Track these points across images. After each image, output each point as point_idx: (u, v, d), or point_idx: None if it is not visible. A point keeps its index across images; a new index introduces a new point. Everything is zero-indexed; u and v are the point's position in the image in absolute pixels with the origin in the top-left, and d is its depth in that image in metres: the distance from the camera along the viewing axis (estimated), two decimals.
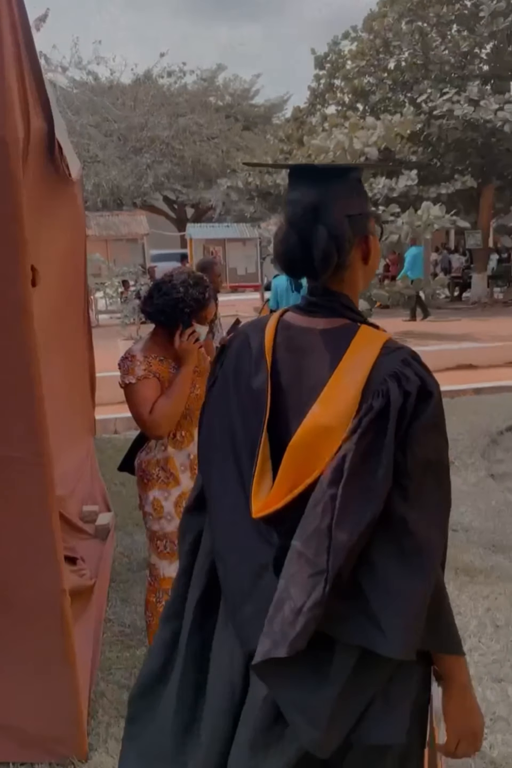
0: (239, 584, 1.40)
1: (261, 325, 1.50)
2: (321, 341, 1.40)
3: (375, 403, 1.28)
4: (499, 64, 19.93)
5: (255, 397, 1.42)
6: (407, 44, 20.20)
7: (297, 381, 1.41)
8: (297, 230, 1.39)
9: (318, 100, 22.87)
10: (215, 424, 1.51)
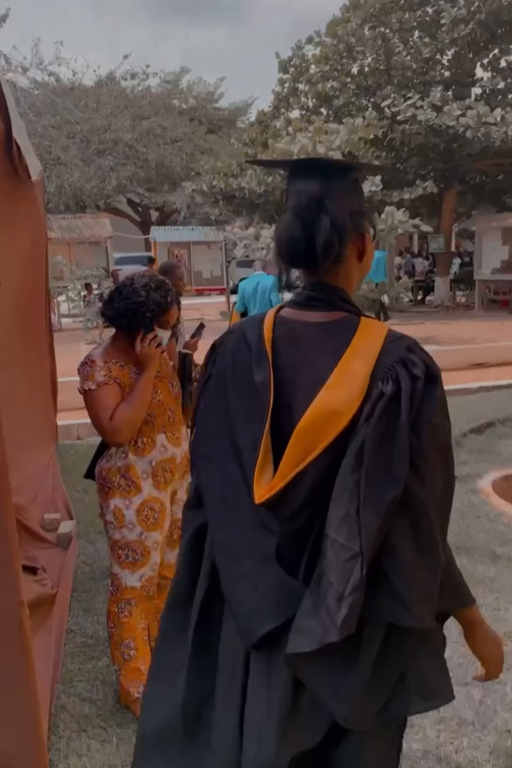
0: (243, 576, 1.42)
1: (257, 322, 1.54)
2: (321, 334, 1.45)
3: (386, 389, 1.34)
4: (460, 71, 20.22)
5: (256, 391, 1.45)
6: (370, 49, 20.37)
7: (300, 374, 1.44)
8: (301, 219, 1.44)
9: (282, 103, 22.94)
10: (212, 421, 1.53)
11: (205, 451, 1.54)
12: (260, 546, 1.42)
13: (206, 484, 1.52)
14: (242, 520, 1.44)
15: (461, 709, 2.83)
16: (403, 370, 1.36)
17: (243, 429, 1.46)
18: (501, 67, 21.13)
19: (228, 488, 1.47)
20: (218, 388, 1.53)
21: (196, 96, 34.99)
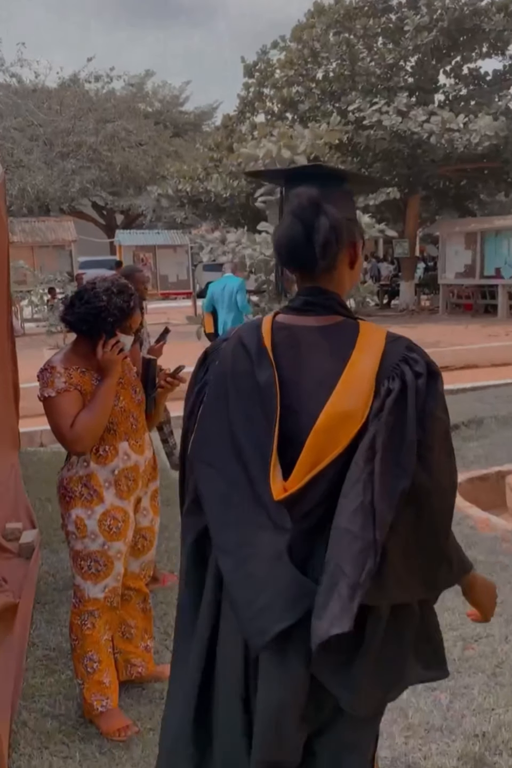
0: (250, 576, 1.43)
1: (254, 328, 1.58)
2: (320, 337, 1.51)
3: (393, 385, 1.43)
4: (423, 77, 20.45)
5: (259, 392, 1.49)
6: (334, 55, 20.50)
7: (301, 376, 1.50)
8: (302, 219, 1.49)
9: (247, 108, 22.96)
10: (212, 426, 1.55)
11: (205, 455, 1.56)
12: (269, 545, 1.43)
13: (206, 487, 1.54)
14: (246, 521, 1.46)
15: (429, 714, 2.81)
16: (407, 367, 1.45)
17: (245, 431, 1.49)
18: (464, 74, 21.44)
19: (230, 490, 1.49)
20: (217, 393, 1.56)
21: (161, 99, 34.87)
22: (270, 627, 1.40)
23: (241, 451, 1.49)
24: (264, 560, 1.43)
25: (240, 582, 1.45)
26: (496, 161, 19.04)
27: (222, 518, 1.50)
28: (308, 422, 1.45)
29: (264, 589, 1.42)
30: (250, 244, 13.62)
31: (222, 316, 9.02)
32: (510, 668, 3.07)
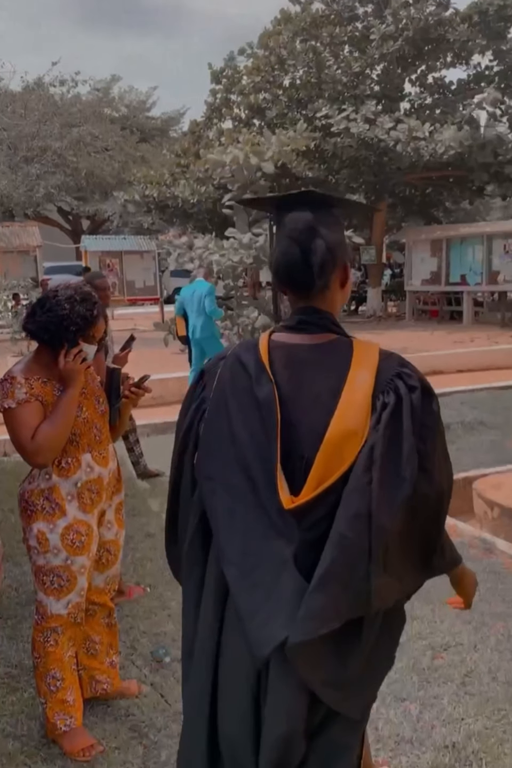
0: (255, 585, 1.48)
1: (251, 346, 1.64)
2: (316, 354, 1.58)
3: (388, 399, 1.51)
4: (389, 86, 20.64)
5: (259, 408, 1.55)
6: (301, 62, 20.59)
7: (299, 391, 1.56)
8: (299, 242, 1.57)
9: (214, 114, 22.95)
10: (213, 442, 1.60)
11: (208, 470, 1.61)
12: (275, 554, 1.48)
13: (210, 501, 1.59)
14: (251, 531, 1.51)
15: (399, 726, 2.78)
16: (401, 382, 1.54)
17: (247, 445, 1.54)
18: (429, 83, 21.70)
19: (233, 501, 1.54)
20: (217, 409, 1.61)
21: (127, 104, 34.66)
22: (274, 636, 1.44)
23: (243, 464, 1.54)
24: (269, 570, 1.48)
25: (245, 591, 1.49)
26: (461, 169, 19.29)
27: (227, 529, 1.54)
28: (306, 435, 1.53)
29: (269, 599, 1.46)
30: (218, 250, 13.58)
31: (192, 320, 9.00)
32: (479, 677, 3.06)
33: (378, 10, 20.43)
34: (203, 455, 1.63)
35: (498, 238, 17.37)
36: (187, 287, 9.39)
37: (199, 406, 1.67)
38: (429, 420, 1.54)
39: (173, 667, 3.24)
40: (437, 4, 20.05)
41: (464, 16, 19.73)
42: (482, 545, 4.55)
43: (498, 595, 3.80)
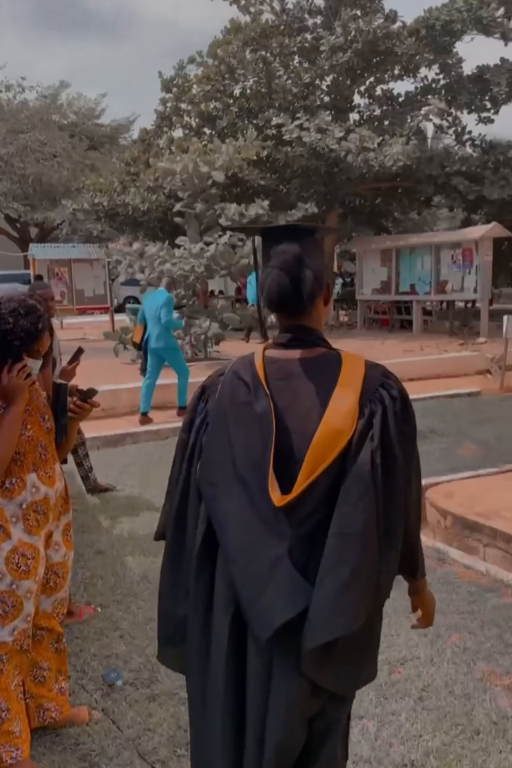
0: (256, 577, 1.63)
1: (248, 363, 1.81)
2: (307, 367, 1.75)
3: (375, 408, 1.69)
4: (339, 97, 20.84)
5: (257, 421, 1.70)
6: (251, 72, 20.62)
7: (293, 401, 1.73)
8: (289, 273, 1.74)
9: (164, 122, 22.80)
10: (215, 451, 1.76)
11: (210, 477, 1.75)
12: (270, 550, 1.63)
13: (212, 505, 1.74)
14: (247, 531, 1.66)
15: (357, 745, 2.73)
16: (385, 392, 1.72)
17: (245, 454, 1.70)
18: (377, 95, 21.97)
19: (231, 505, 1.70)
20: (219, 422, 1.77)
21: (76, 111, 34.22)
22: (274, 620, 1.58)
23: (240, 472, 1.70)
24: (265, 564, 1.63)
25: (245, 583, 1.65)
26: (409, 181, 19.58)
27: (227, 530, 1.70)
28: (302, 441, 1.68)
29: (267, 589, 1.61)
30: (170, 259, 13.48)
31: (149, 329, 8.99)
32: (436, 691, 3.04)
33: (328, 21, 20.62)
34: (205, 464, 1.78)
35: (445, 248, 17.66)
36: (149, 296, 9.40)
37: (202, 420, 1.82)
38: (407, 427, 1.73)
39: (125, 690, 3.14)
40: (385, 17, 20.34)
41: (411, 29, 20.05)
42: (435, 555, 4.55)
43: (452, 606, 3.80)
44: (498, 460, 6.75)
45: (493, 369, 11.61)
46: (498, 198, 18.44)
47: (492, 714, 2.87)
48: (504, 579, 4.21)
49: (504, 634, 3.51)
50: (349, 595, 1.59)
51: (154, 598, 3.96)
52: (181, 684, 3.16)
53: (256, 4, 21.34)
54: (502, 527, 4.74)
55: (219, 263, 13.49)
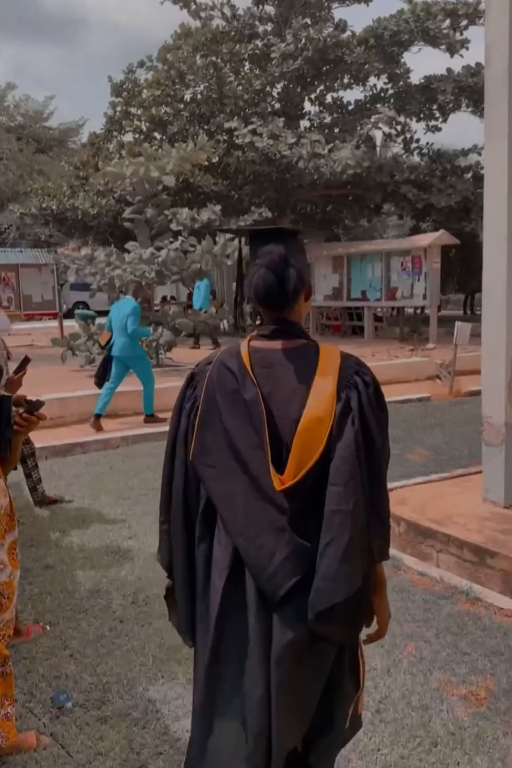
0: (264, 547, 1.80)
1: (233, 352, 1.95)
2: (289, 356, 1.91)
3: (351, 394, 1.85)
4: (289, 104, 20.95)
5: (246, 406, 1.86)
6: (201, 78, 20.56)
7: (277, 387, 1.89)
8: (275, 272, 1.90)
9: (114, 127, 22.58)
10: (209, 436, 1.90)
11: (206, 459, 1.90)
12: (273, 522, 1.81)
13: (213, 486, 1.89)
14: (251, 506, 1.83)
15: None
16: (359, 378, 1.88)
17: (239, 436, 1.86)
18: (328, 103, 22.16)
19: (232, 484, 1.85)
20: (209, 409, 1.91)
21: (23, 114, 33.66)
22: (284, 582, 1.78)
23: (237, 453, 1.85)
24: (270, 534, 1.81)
25: (253, 553, 1.82)
26: (359, 188, 19.79)
27: (229, 507, 1.86)
28: (287, 424, 1.85)
29: (274, 556, 1.79)
30: (120, 264, 13.29)
31: (114, 336, 8.92)
32: (393, 703, 3.01)
33: (278, 29, 20.73)
34: (201, 447, 1.91)
35: (395, 255, 17.87)
36: (117, 304, 9.31)
37: (192, 405, 1.96)
38: (381, 413, 1.89)
39: (75, 713, 3.02)
40: (335, 26, 20.56)
41: (360, 39, 20.30)
42: (390, 562, 4.54)
43: (408, 615, 3.79)
44: (449, 464, 6.82)
45: (443, 374, 11.77)
46: (445, 206, 18.79)
47: (449, 725, 2.86)
48: (458, 585, 4.22)
49: (459, 642, 3.51)
50: (348, 563, 1.79)
51: (106, 613, 3.87)
52: (134, 704, 3.08)
53: (207, 10, 21.31)
54: (455, 533, 4.76)
55: (170, 269, 13.37)
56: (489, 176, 5.12)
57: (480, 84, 18.73)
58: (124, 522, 5.33)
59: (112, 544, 4.88)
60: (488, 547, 4.46)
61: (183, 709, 2.98)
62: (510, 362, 5.11)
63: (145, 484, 6.28)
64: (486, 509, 5.19)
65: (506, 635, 3.59)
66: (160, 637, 3.60)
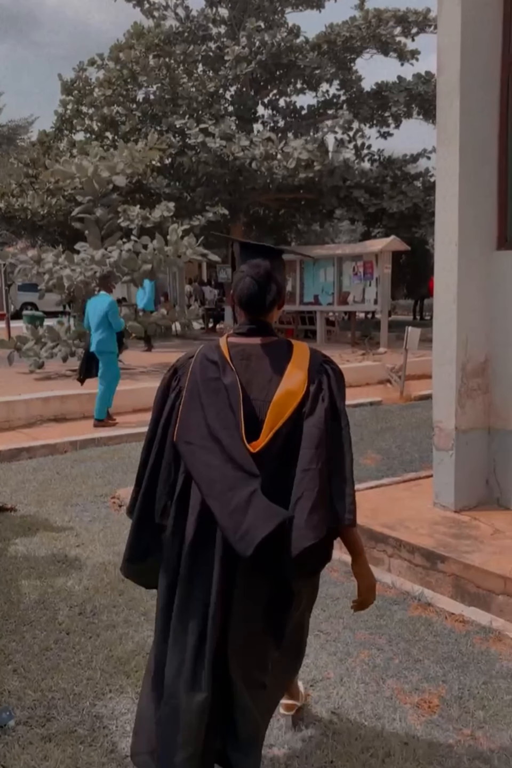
0: (238, 509, 2.06)
1: (213, 347, 2.30)
2: (264, 350, 2.27)
3: (322, 377, 2.24)
4: (243, 107, 20.92)
5: (226, 391, 2.19)
6: (154, 78, 20.38)
7: (255, 376, 2.23)
8: (259, 284, 2.26)
9: (65, 125, 22.22)
10: (191, 418, 2.21)
11: (186, 437, 2.21)
12: (245, 487, 2.08)
13: (192, 461, 2.19)
14: (225, 475, 2.11)
15: None
16: (328, 366, 2.29)
17: (216, 418, 2.17)
18: (281, 107, 22.22)
19: (209, 457, 2.15)
20: (192, 394, 2.23)
21: None
22: (255, 537, 2.02)
23: (214, 432, 2.16)
24: (243, 498, 2.07)
25: (228, 516, 2.07)
26: (312, 193, 19.87)
27: (206, 477, 2.14)
28: (263, 406, 2.19)
29: (246, 515, 2.05)
30: (69, 264, 13.03)
31: (92, 333, 8.98)
32: (346, 713, 2.96)
33: (232, 32, 20.69)
34: (182, 427, 2.23)
35: (347, 260, 17.99)
36: (92, 300, 9.30)
37: (178, 394, 2.28)
38: (344, 392, 2.29)
39: (18, 731, 2.89)
40: (288, 30, 20.61)
41: (313, 44, 20.41)
42: (343, 568, 4.51)
43: (361, 622, 3.76)
44: (400, 468, 6.85)
45: (393, 379, 11.87)
46: (396, 211, 19.02)
47: (402, 734, 2.82)
48: (410, 591, 4.22)
49: (412, 649, 3.50)
50: (316, 514, 2.09)
51: (51, 625, 3.74)
52: (81, 720, 2.96)
53: (160, 9, 21.13)
54: (406, 538, 4.76)
55: (122, 270, 13.16)
56: (441, 181, 5.16)
57: (430, 92, 19.06)
58: (72, 529, 5.19)
59: (58, 553, 4.74)
60: (439, 552, 4.47)
61: (131, 724, 2.88)
62: (460, 368, 5.15)
63: (93, 491, 6.14)
64: (436, 514, 5.22)
65: (457, 641, 3.59)
66: (107, 649, 3.49)
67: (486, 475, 5.35)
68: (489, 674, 3.28)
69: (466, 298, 5.09)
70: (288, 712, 2.85)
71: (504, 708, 3.02)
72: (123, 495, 5.88)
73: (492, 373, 5.26)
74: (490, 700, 3.07)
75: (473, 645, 3.55)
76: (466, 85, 4.91)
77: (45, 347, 12.68)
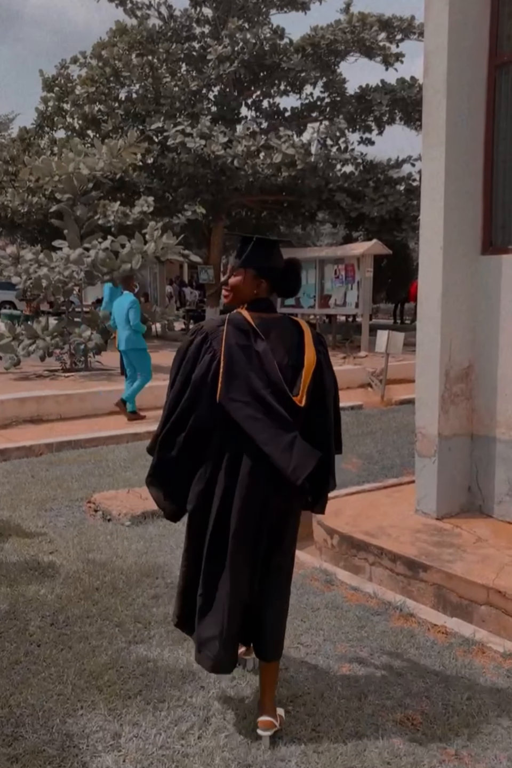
0: (286, 450, 2.62)
1: (239, 318, 2.74)
2: (280, 322, 2.82)
3: (322, 350, 2.85)
4: (226, 107, 20.79)
5: (259, 357, 2.67)
6: (137, 76, 20.19)
7: (278, 344, 2.73)
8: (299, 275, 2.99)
9: (46, 122, 21.97)
10: (234, 379, 2.64)
11: (233, 396, 2.64)
12: (289, 433, 2.65)
13: (240, 415, 2.64)
14: (272, 425, 2.63)
15: None
16: (322, 339, 2.89)
17: (254, 377, 2.65)
18: (264, 108, 22.12)
19: (255, 412, 2.63)
20: (230, 356, 2.65)
21: None
22: (304, 471, 2.63)
23: (255, 389, 2.64)
24: (289, 441, 2.63)
25: (281, 456, 2.62)
26: (294, 195, 19.79)
27: (258, 427, 2.63)
28: (288, 370, 2.71)
29: (294, 455, 2.62)
30: (48, 263, 12.84)
31: (118, 331, 9.31)
32: (326, 731, 2.85)
33: (215, 31, 20.55)
34: (226, 386, 2.64)
35: (329, 263, 17.95)
36: (117, 300, 9.51)
37: (213, 356, 2.68)
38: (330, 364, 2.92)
39: None
40: (272, 31, 20.51)
41: (297, 46, 20.32)
42: (323, 577, 4.43)
43: (341, 634, 3.66)
44: (381, 474, 6.79)
45: (374, 382, 11.82)
46: (378, 215, 18.99)
47: (385, 753, 2.72)
48: (392, 601, 4.12)
49: (394, 663, 3.40)
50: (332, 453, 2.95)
51: (22, 636, 3.59)
52: (50, 739, 2.83)
53: (143, 9, 20.95)
54: (388, 546, 4.68)
55: (100, 269, 13.00)
56: (426, 184, 5.09)
57: (413, 96, 19.07)
58: (45, 535, 5.03)
59: (31, 560, 4.59)
60: (421, 561, 4.39)
61: (103, 743, 2.76)
62: (444, 373, 5.08)
63: (68, 495, 5.99)
64: (418, 521, 5.14)
65: (440, 654, 3.50)
66: (80, 663, 3.35)
67: (469, 482, 5.29)
68: (473, 689, 3.19)
69: (450, 303, 5.02)
70: (267, 732, 2.75)
71: (488, 725, 2.93)
72: (99, 499, 5.74)
73: (475, 379, 5.20)
74: (474, 717, 2.98)
75: (456, 658, 3.47)
76: (453, 87, 4.85)
77: (21, 344, 12.48)
